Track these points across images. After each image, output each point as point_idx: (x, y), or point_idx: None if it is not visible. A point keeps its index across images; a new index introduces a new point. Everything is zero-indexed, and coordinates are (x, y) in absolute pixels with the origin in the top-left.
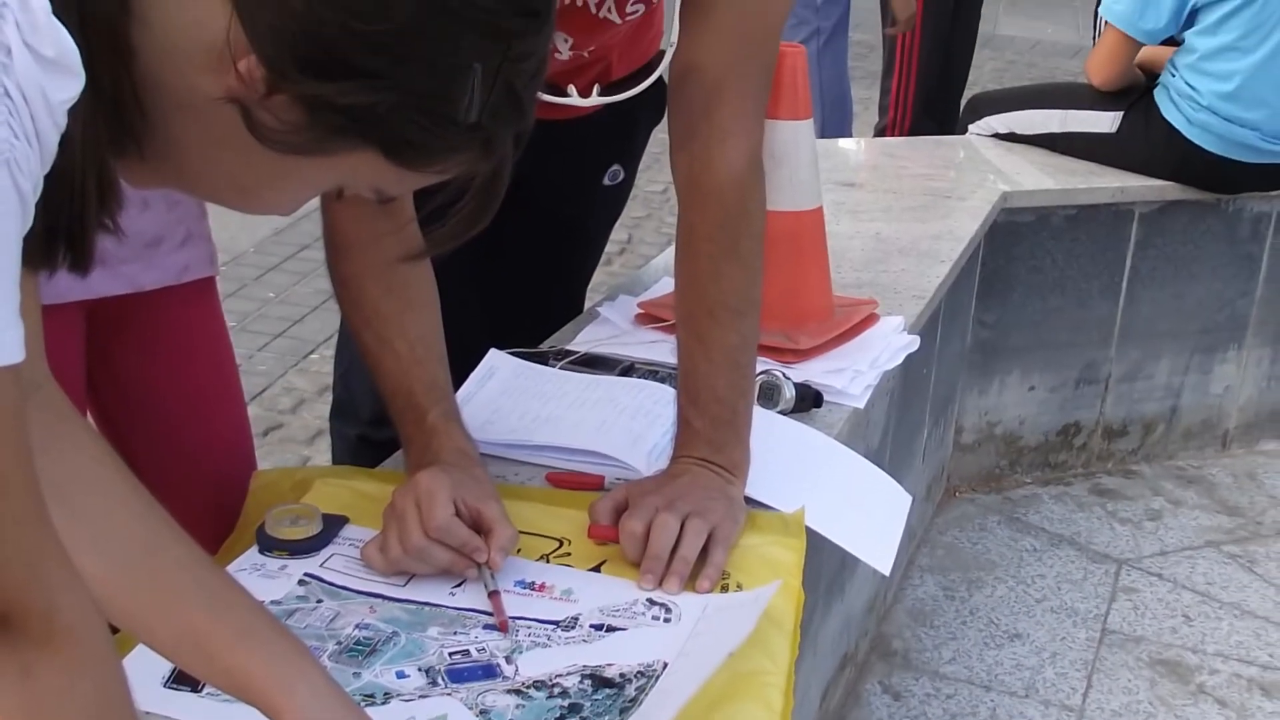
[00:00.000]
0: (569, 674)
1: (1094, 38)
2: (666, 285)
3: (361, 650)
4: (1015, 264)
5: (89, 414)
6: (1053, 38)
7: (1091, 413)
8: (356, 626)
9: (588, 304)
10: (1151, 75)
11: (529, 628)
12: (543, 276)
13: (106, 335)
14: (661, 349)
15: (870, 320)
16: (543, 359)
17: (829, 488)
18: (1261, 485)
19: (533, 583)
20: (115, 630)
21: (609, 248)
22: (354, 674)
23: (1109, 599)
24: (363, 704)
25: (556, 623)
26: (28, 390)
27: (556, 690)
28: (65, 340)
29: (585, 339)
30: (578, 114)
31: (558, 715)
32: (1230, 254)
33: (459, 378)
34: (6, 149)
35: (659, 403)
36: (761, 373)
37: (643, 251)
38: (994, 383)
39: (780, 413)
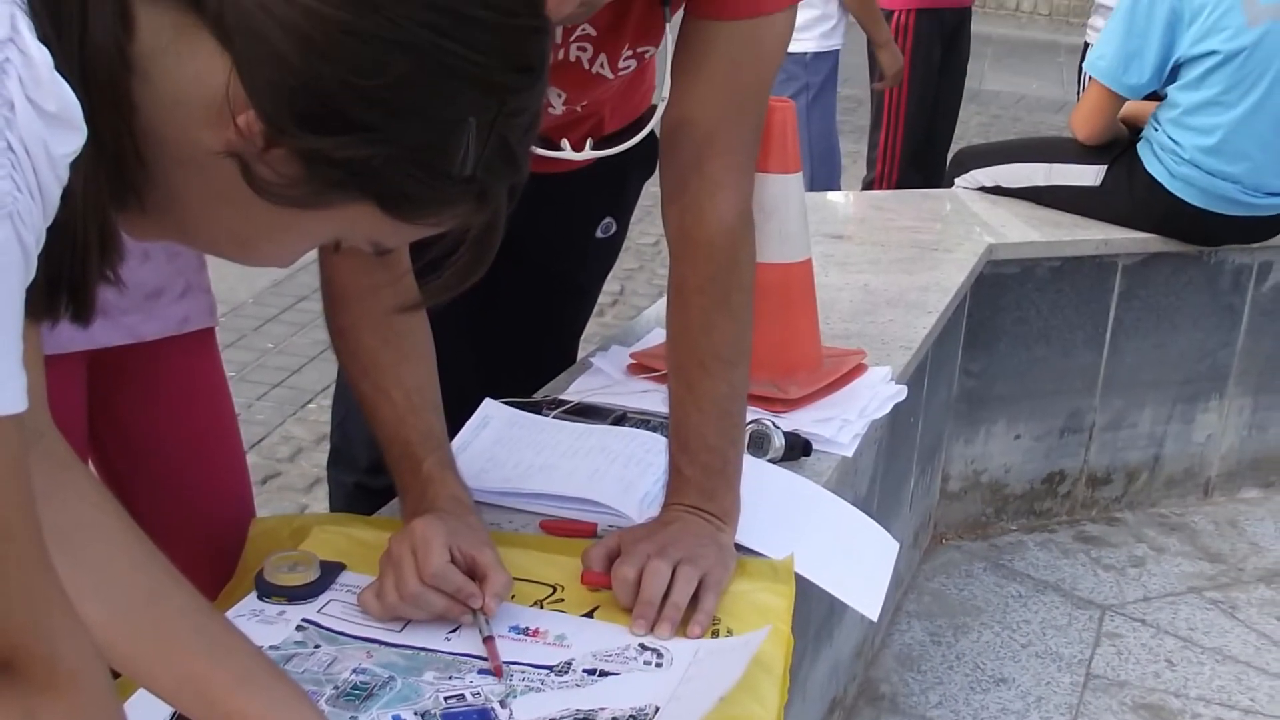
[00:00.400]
0: (562, 718)
1: (1078, 93)
2: (658, 336)
3: (358, 694)
4: (1001, 315)
5: (90, 462)
6: (1037, 93)
7: (1076, 461)
8: (353, 671)
9: (581, 354)
10: (1135, 129)
11: (523, 672)
12: (536, 328)
13: (108, 385)
14: (653, 398)
15: (858, 370)
16: (536, 408)
17: (818, 535)
18: (1243, 532)
19: (527, 628)
20: (116, 675)
21: (601, 299)
22: (351, 718)
23: (1093, 644)
24: None
25: (550, 667)
26: (30, 439)
27: None
28: (67, 390)
29: (578, 389)
30: (571, 168)
31: None
32: (1212, 305)
33: (454, 427)
34: (10, 202)
35: (651, 451)
36: (751, 422)
37: (635, 303)
38: (980, 431)
39: (770, 461)
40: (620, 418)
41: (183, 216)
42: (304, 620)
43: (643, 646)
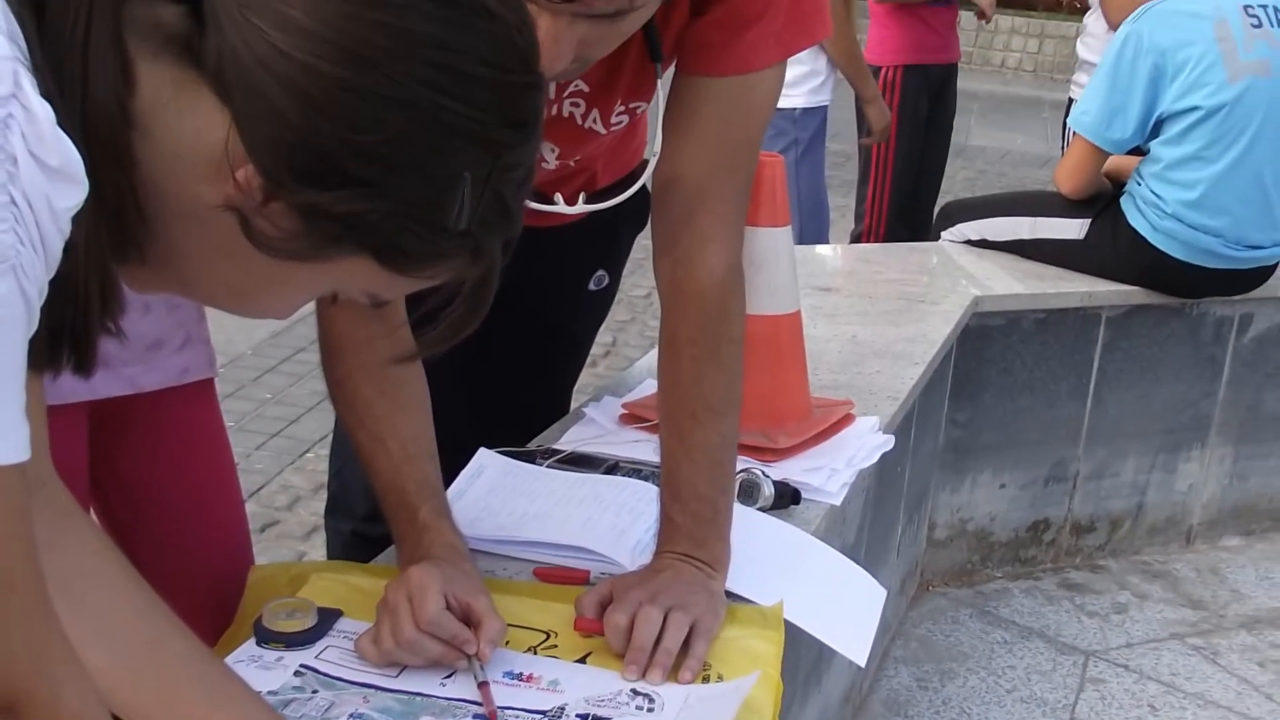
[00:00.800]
0: None
1: (1063, 148)
2: (650, 387)
3: None
4: (986, 366)
5: (92, 511)
6: (1022, 148)
7: (1060, 509)
8: (350, 716)
9: (574, 404)
10: (1118, 184)
11: (517, 717)
12: (530, 378)
13: (109, 435)
14: (645, 448)
15: (846, 420)
16: (530, 458)
17: (806, 582)
18: (1224, 579)
19: (521, 673)
20: None
21: (594, 350)
22: None
23: (1077, 689)
24: None
25: (544, 712)
26: (33, 488)
27: None
28: (69, 439)
29: (571, 438)
30: (564, 221)
31: None
32: (1194, 356)
33: (448, 475)
34: (13, 255)
35: (642, 500)
36: (741, 471)
37: (627, 354)
38: (966, 480)
39: (760, 510)
40: (613, 467)
41: (183, 269)
42: (302, 666)
43: (635, 692)
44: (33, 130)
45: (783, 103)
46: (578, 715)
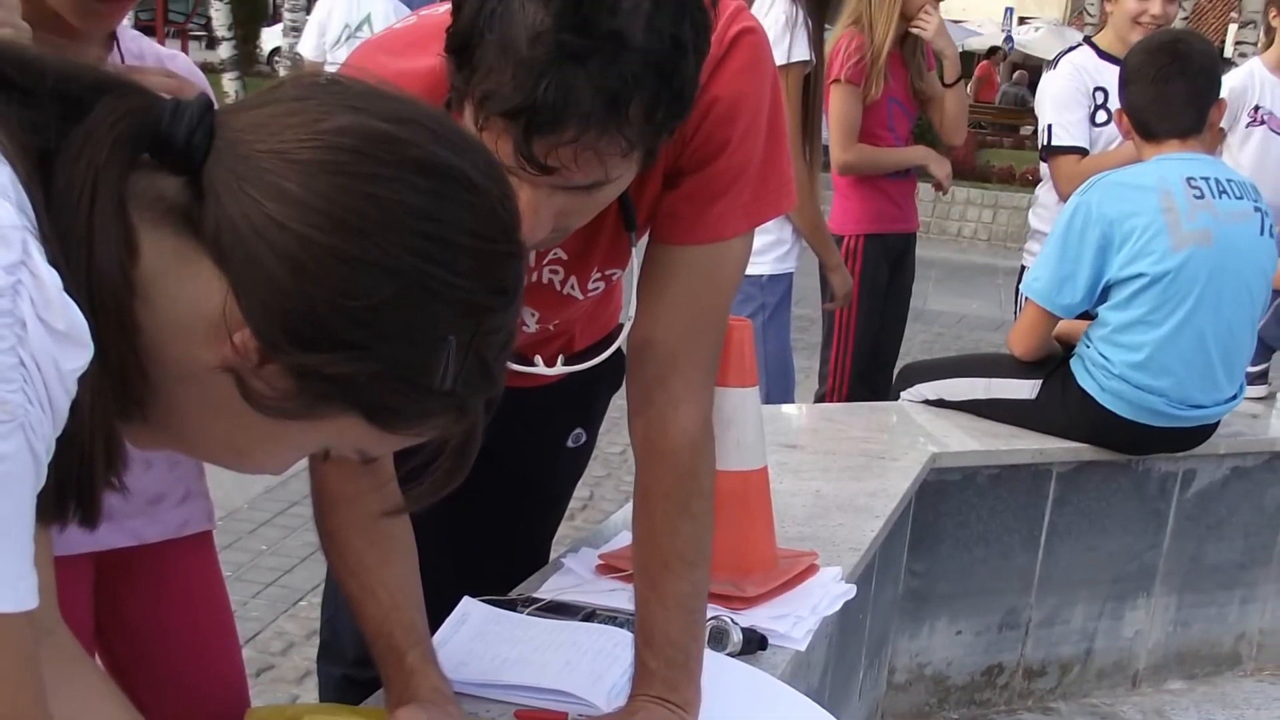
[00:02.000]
0: None
1: (1015, 312)
2: (625, 539)
3: None
4: (944, 519)
5: (97, 656)
6: (977, 312)
7: (1013, 654)
8: None
9: (553, 555)
10: (1068, 346)
11: None
12: (511, 531)
13: (113, 584)
14: (621, 597)
15: (811, 570)
16: (511, 606)
17: None
18: None
19: None
20: None
21: (572, 504)
22: None
23: None
24: None
25: None
26: (41, 634)
27: None
28: (75, 588)
29: (550, 587)
30: (544, 382)
31: None
32: (1140, 510)
33: (434, 622)
34: (22, 414)
35: (618, 645)
36: (711, 618)
37: (603, 507)
38: (924, 627)
39: (729, 655)
40: (590, 615)
41: (182, 427)
42: None
43: None
44: (41, 296)
45: (751, 269)
46: None
